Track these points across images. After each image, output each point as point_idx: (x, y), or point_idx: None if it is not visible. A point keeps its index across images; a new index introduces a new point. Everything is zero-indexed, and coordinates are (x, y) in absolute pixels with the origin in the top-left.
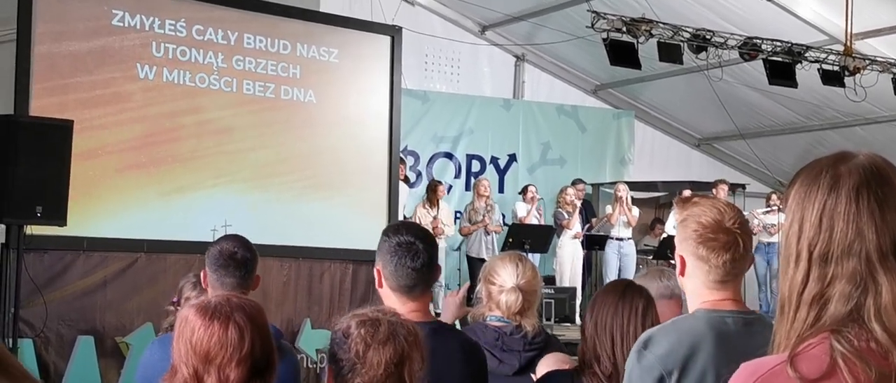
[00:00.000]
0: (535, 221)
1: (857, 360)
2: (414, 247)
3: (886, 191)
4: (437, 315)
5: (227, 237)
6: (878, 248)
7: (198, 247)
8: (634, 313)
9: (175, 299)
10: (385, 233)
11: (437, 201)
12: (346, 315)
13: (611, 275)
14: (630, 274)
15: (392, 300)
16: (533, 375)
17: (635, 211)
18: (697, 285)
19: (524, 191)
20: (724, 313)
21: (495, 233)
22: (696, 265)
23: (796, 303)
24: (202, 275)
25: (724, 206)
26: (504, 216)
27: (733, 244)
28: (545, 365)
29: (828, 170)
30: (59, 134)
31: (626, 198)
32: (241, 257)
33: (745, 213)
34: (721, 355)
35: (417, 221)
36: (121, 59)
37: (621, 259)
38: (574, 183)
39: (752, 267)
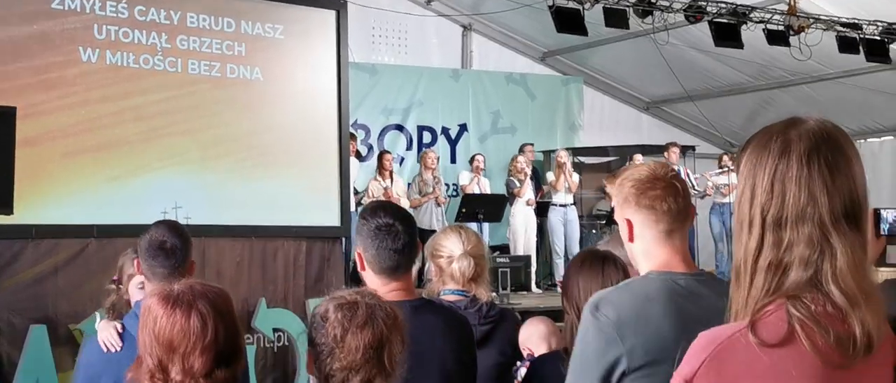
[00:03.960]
0: (477, 190)
1: (814, 325)
2: (394, 228)
3: (837, 156)
4: None
5: (158, 224)
6: (830, 212)
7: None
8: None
9: (115, 277)
10: (362, 216)
11: (389, 172)
12: (326, 297)
13: (557, 242)
14: (575, 239)
15: (375, 282)
16: (529, 349)
17: (575, 177)
18: (647, 242)
19: (472, 160)
20: (676, 274)
21: (443, 204)
22: (644, 219)
23: (752, 270)
24: (135, 263)
25: (653, 163)
26: (449, 186)
27: (672, 189)
28: (530, 335)
29: (778, 136)
30: (1, 121)
31: (568, 165)
32: (169, 246)
33: (696, 175)
34: (674, 316)
35: (371, 195)
36: (62, 43)
37: (566, 225)
38: (522, 148)
39: (708, 227)
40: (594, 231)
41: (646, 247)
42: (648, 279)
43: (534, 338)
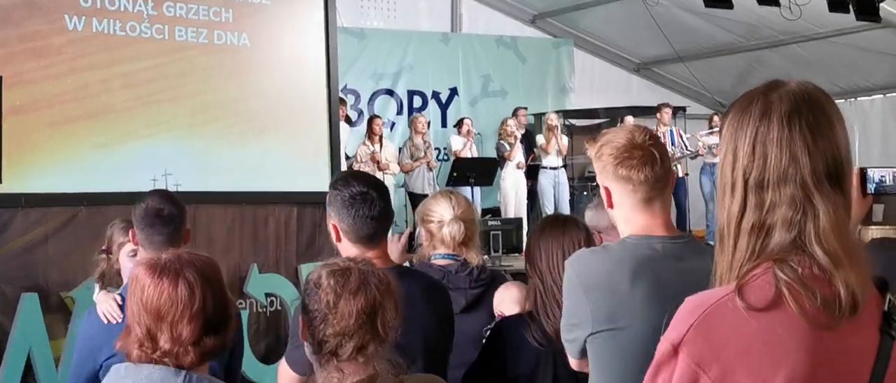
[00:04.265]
0: (469, 155)
1: (802, 288)
2: (368, 196)
3: (818, 117)
4: None
5: (152, 193)
6: (812, 173)
7: (139, 199)
8: (579, 250)
9: (105, 247)
10: (334, 186)
11: (379, 137)
12: (319, 263)
13: (548, 205)
14: (565, 201)
15: (351, 252)
16: (501, 312)
17: (564, 140)
18: (626, 210)
19: (459, 124)
20: (654, 239)
21: (434, 168)
22: (621, 188)
23: (735, 233)
24: (131, 233)
25: (633, 128)
26: (439, 150)
27: (649, 158)
28: (503, 298)
29: (759, 99)
30: None
31: (559, 128)
32: (167, 213)
33: (687, 135)
34: (647, 281)
35: (359, 159)
36: (47, 11)
37: (556, 188)
38: (515, 111)
39: (699, 187)
40: (585, 193)
41: (625, 214)
42: (626, 244)
43: (506, 302)
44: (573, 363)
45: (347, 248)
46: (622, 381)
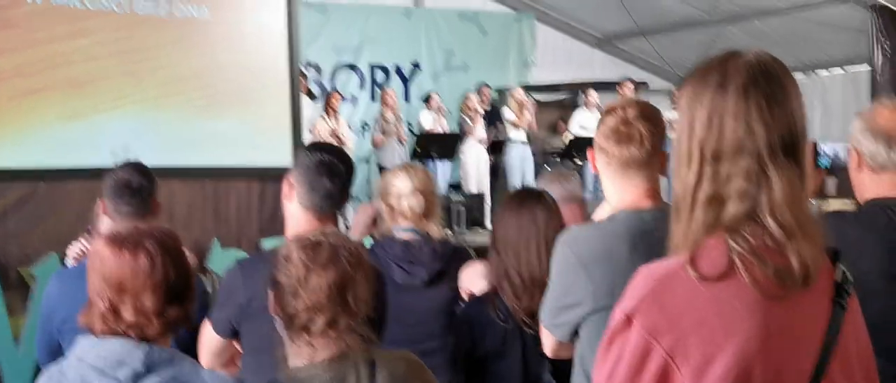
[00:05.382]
0: (440, 130)
1: (754, 259)
2: (336, 167)
3: (774, 88)
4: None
5: (124, 165)
6: (768, 145)
7: (100, 174)
8: (534, 225)
9: (89, 227)
10: (308, 148)
11: (335, 112)
12: (290, 239)
13: (514, 179)
14: (531, 175)
15: (298, 216)
16: (471, 291)
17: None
18: (606, 177)
19: (428, 99)
20: (643, 212)
21: (405, 142)
22: (599, 156)
23: (691, 203)
24: (101, 204)
25: (630, 103)
26: (409, 124)
27: (628, 139)
28: (470, 277)
29: (715, 70)
30: None
31: (532, 104)
32: (136, 185)
33: None
34: (642, 253)
35: (318, 133)
36: None
37: (522, 162)
38: (479, 88)
39: None
40: (547, 166)
41: (609, 184)
42: (616, 219)
43: (474, 280)
44: (552, 348)
45: (295, 210)
46: None
